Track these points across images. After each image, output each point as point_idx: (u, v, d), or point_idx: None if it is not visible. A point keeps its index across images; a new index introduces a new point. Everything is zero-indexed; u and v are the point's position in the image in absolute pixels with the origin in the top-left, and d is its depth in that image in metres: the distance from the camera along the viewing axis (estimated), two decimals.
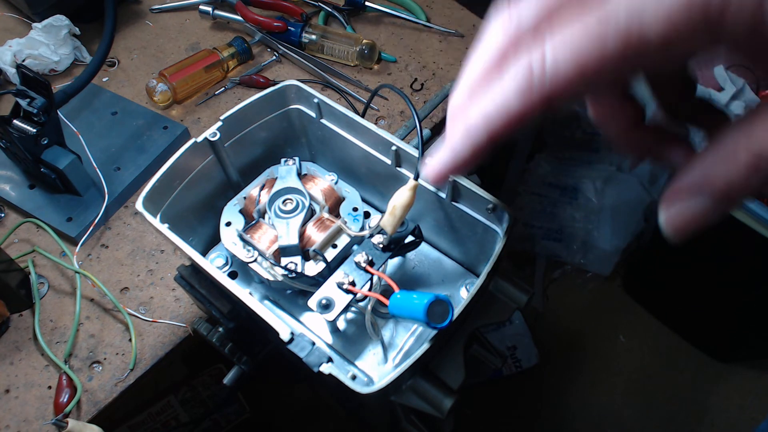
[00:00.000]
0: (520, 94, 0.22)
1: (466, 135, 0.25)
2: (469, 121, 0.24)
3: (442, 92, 0.65)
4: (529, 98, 0.22)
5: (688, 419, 1.44)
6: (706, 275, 1.35)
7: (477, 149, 0.25)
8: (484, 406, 1.42)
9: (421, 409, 0.45)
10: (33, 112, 0.63)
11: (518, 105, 0.22)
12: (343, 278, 0.47)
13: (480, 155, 0.25)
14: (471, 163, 0.26)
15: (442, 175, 0.28)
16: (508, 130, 0.24)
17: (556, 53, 0.21)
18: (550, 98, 0.22)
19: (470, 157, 0.26)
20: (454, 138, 0.25)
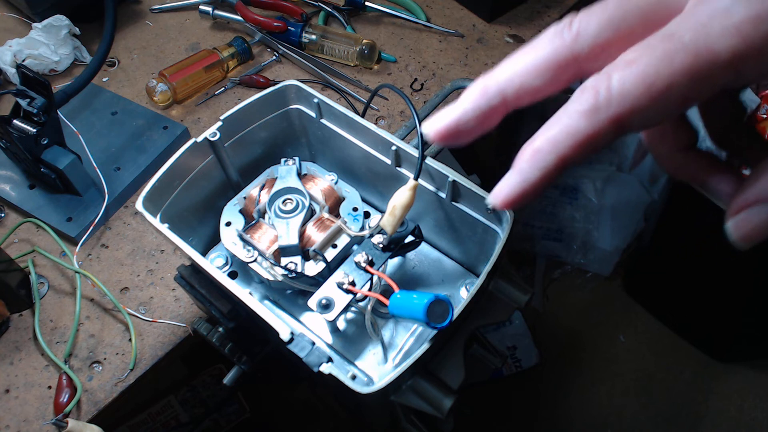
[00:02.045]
0: (585, 116, 0.22)
1: (533, 158, 0.23)
2: (536, 145, 0.23)
3: (442, 92, 0.66)
4: (597, 120, 0.21)
5: (688, 419, 1.44)
6: (706, 275, 1.35)
7: (546, 173, 0.24)
8: (484, 406, 1.42)
9: (421, 408, 0.45)
10: (33, 112, 0.63)
11: (586, 127, 0.22)
12: (343, 278, 0.47)
13: (550, 179, 0.24)
14: (540, 187, 0.24)
15: (512, 199, 0.25)
16: (579, 154, 0.23)
17: (622, 74, 0.21)
18: (620, 121, 0.21)
19: (539, 180, 0.24)
20: (522, 162, 0.24)
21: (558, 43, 0.23)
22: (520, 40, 0.90)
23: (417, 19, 0.91)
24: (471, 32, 0.91)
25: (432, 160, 0.50)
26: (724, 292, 1.33)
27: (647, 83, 0.20)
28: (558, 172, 0.24)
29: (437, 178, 0.51)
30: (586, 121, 0.22)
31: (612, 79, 0.21)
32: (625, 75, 0.20)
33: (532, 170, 0.24)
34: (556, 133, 0.23)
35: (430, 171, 0.51)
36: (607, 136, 0.22)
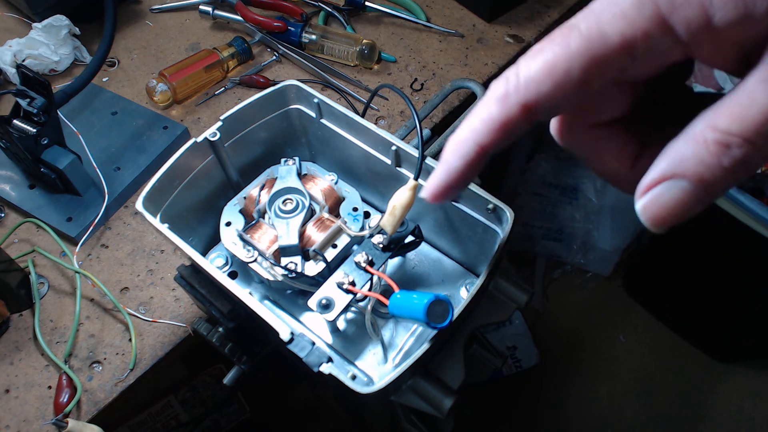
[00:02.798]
0: (499, 102, 0.24)
1: (455, 148, 0.26)
2: (457, 136, 0.26)
3: (442, 92, 0.66)
4: (507, 105, 0.23)
5: (688, 419, 1.44)
6: (706, 275, 1.35)
7: (469, 161, 0.26)
8: (484, 406, 1.42)
9: (421, 409, 0.45)
10: (33, 112, 0.63)
11: (498, 113, 0.24)
12: (343, 278, 0.47)
13: (473, 167, 0.26)
14: (465, 176, 0.27)
15: (440, 191, 0.28)
16: (495, 139, 0.25)
17: (527, 63, 0.23)
18: (527, 103, 0.23)
19: (463, 168, 0.26)
20: (446, 153, 0.27)
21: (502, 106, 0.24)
22: (520, 40, 0.90)
23: (417, 19, 0.91)
24: (471, 32, 0.91)
25: (432, 160, 0.50)
26: (724, 292, 1.33)
27: (548, 69, 0.22)
28: (479, 159, 0.26)
29: None
30: (498, 108, 0.24)
31: (520, 67, 0.23)
32: (531, 63, 0.22)
33: (456, 159, 0.26)
34: (474, 121, 0.25)
35: (430, 171, 0.51)
36: (519, 122, 0.24)
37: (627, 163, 0.26)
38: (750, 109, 0.19)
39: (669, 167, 0.21)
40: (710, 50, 0.21)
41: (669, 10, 0.20)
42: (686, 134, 0.21)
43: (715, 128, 0.20)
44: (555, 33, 0.22)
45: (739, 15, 0.19)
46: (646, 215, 0.22)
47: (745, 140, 0.19)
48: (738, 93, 0.20)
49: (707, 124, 0.20)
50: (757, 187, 1.13)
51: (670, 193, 0.21)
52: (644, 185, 0.22)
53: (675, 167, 0.21)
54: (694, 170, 0.20)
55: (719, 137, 0.20)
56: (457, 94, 0.82)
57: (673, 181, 0.21)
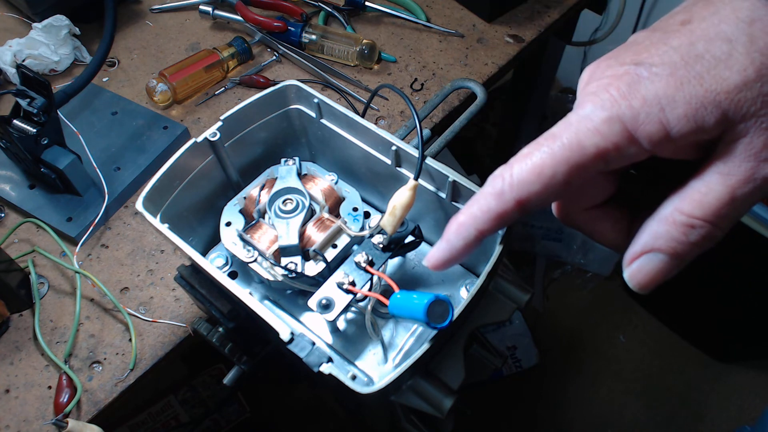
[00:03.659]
0: (495, 197, 0.28)
1: (457, 230, 0.31)
2: (459, 219, 0.31)
3: (442, 92, 0.65)
4: (503, 200, 0.28)
5: (688, 419, 1.44)
6: (706, 275, 1.35)
7: (467, 242, 0.31)
8: (484, 406, 1.42)
9: (421, 409, 0.45)
10: (33, 112, 0.63)
11: (495, 206, 0.29)
12: (343, 278, 0.47)
13: (471, 247, 0.31)
14: (463, 253, 0.32)
15: (441, 263, 0.33)
16: (492, 227, 0.30)
17: (519, 165, 0.27)
18: (520, 199, 0.28)
19: (462, 248, 0.32)
20: (449, 233, 0.32)
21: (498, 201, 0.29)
22: (520, 40, 0.90)
23: (417, 19, 0.91)
24: (471, 32, 0.91)
25: (432, 160, 0.50)
26: (724, 292, 1.33)
27: (537, 171, 0.27)
28: (477, 242, 0.31)
29: (437, 178, 0.51)
30: (495, 202, 0.28)
31: (513, 169, 0.28)
32: (521, 166, 0.27)
33: (457, 240, 0.31)
34: (475, 210, 0.30)
35: (430, 171, 0.51)
36: (513, 214, 0.28)
37: (622, 234, 0.31)
38: (708, 196, 0.24)
39: (647, 243, 0.26)
40: (670, 152, 0.25)
41: (634, 127, 0.25)
42: (658, 216, 0.26)
43: (681, 212, 0.25)
44: (540, 140, 0.27)
45: (692, 128, 0.24)
46: (633, 282, 0.27)
47: (706, 221, 0.25)
48: (698, 182, 0.25)
49: (675, 208, 0.25)
50: None
51: (650, 264, 0.26)
52: (629, 257, 0.27)
53: (652, 243, 0.26)
54: (667, 245, 0.26)
55: (685, 220, 0.25)
56: (457, 94, 0.82)
57: (652, 254, 0.26)
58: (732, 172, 0.24)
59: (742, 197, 0.24)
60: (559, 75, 1.84)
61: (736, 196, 0.24)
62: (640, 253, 0.26)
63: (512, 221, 0.29)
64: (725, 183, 0.24)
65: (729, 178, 0.24)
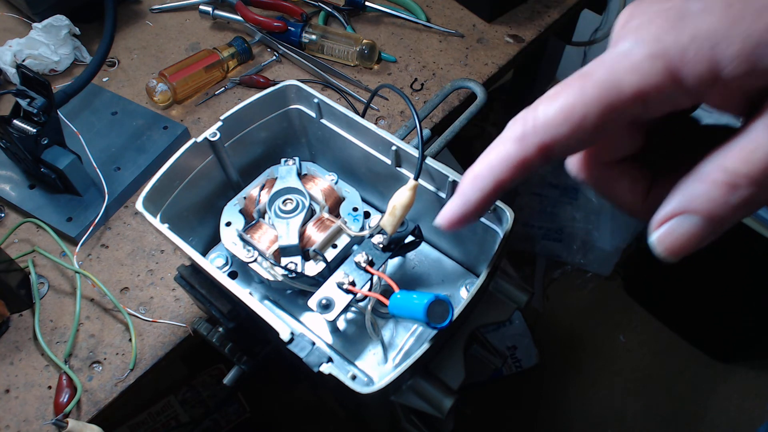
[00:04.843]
0: (516, 142, 0.25)
1: (473, 182, 0.27)
2: (475, 170, 0.27)
3: (442, 92, 0.65)
4: (524, 145, 0.25)
5: (688, 419, 1.44)
6: (706, 275, 1.35)
7: (484, 195, 0.27)
8: (484, 406, 1.42)
9: (421, 409, 0.45)
10: (33, 112, 0.63)
11: (516, 152, 0.25)
12: (343, 278, 0.47)
13: (488, 200, 0.28)
14: (480, 208, 0.28)
15: (455, 220, 0.29)
16: (511, 176, 0.26)
17: (545, 106, 0.24)
18: (544, 144, 0.24)
19: (478, 202, 0.28)
20: (464, 185, 0.28)
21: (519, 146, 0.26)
22: (520, 40, 0.90)
23: (417, 19, 0.91)
24: (471, 32, 0.91)
25: (432, 160, 0.50)
26: (724, 292, 1.33)
27: (566, 113, 0.23)
28: (495, 194, 0.27)
29: (437, 178, 0.51)
30: (516, 147, 0.25)
31: (537, 111, 0.24)
32: (548, 107, 0.24)
33: (473, 192, 0.28)
34: (492, 158, 0.26)
35: (430, 171, 0.51)
36: (535, 161, 0.25)
37: (640, 196, 0.27)
38: (756, 153, 0.21)
39: (681, 203, 0.23)
40: (718, 99, 0.22)
41: (679, 66, 0.21)
42: (697, 173, 0.23)
43: (724, 170, 0.22)
44: (570, 79, 0.24)
45: (746, 69, 0.21)
46: (661, 246, 0.24)
47: (752, 181, 0.21)
48: (745, 137, 0.22)
49: (717, 165, 0.22)
50: None
51: (683, 227, 0.23)
52: (658, 219, 0.24)
53: (687, 204, 0.22)
54: (704, 207, 0.22)
55: (728, 178, 0.21)
56: (457, 94, 0.82)
57: (685, 216, 0.23)
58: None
59: None
60: (559, 75, 1.84)
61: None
62: (671, 214, 0.23)
63: (532, 171, 0.26)
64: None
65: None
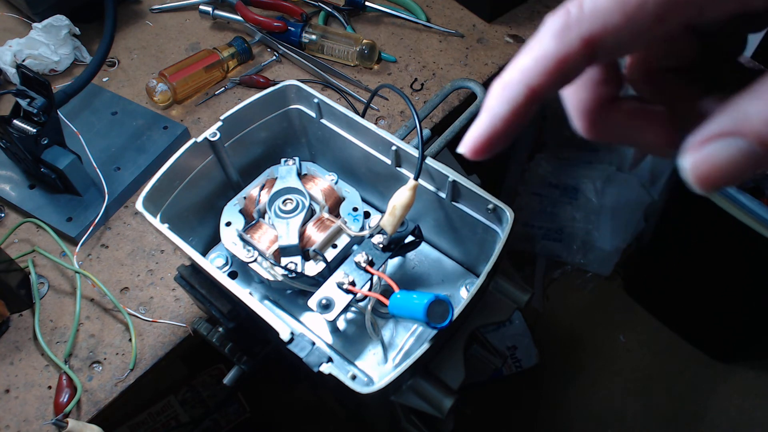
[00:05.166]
0: (556, 36, 0.20)
1: (501, 92, 0.22)
2: (505, 79, 0.22)
3: (442, 92, 0.66)
4: (567, 39, 0.20)
5: (688, 419, 1.44)
6: (706, 275, 1.35)
7: (517, 107, 0.22)
8: (484, 406, 1.42)
9: (421, 409, 0.45)
10: (33, 112, 0.63)
11: (555, 48, 0.20)
12: (343, 278, 0.47)
13: (521, 114, 0.22)
14: (511, 126, 0.23)
15: (481, 143, 0.23)
16: (548, 81, 0.21)
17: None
18: (592, 37, 0.19)
19: (510, 116, 0.22)
20: (491, 99, 0.23)
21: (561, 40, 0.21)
22: (520, 40, 0.90)
23: (417, 19, 0.91)
24: (471, 32, 0.91)
25: (432, 160, 0.50)
26: (724, 292, 1.33)
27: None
28: (528, 106, 0.22)
29: (437, 178, 0.51)
30: (555, 42, 0.20)
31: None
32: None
33: (501, 105, 0.22)
34: (525, 60, 0.21)
35: (430, 171, 0.51)
36: (577, 60, 0.20)
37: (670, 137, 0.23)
38: None
39: (730, 124, 0.19)
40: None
41: None
42: (754, 91, 0.18)
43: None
44: None
45: None
46: (694, 173, 0.19)
47: None
48: None
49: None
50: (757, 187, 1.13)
51: (727, 151, 0.19)
52: (698, 139, 0.19)
53: (737, 125, 0.19)
54: (759, 131, 0.18)
55: None
56: (457, 94, 0.82)
57: (733, 139, 0.19)
58: None
59: None
60: None
61: None
62: (716, 134, 0.19)
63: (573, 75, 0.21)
64: None
65: None
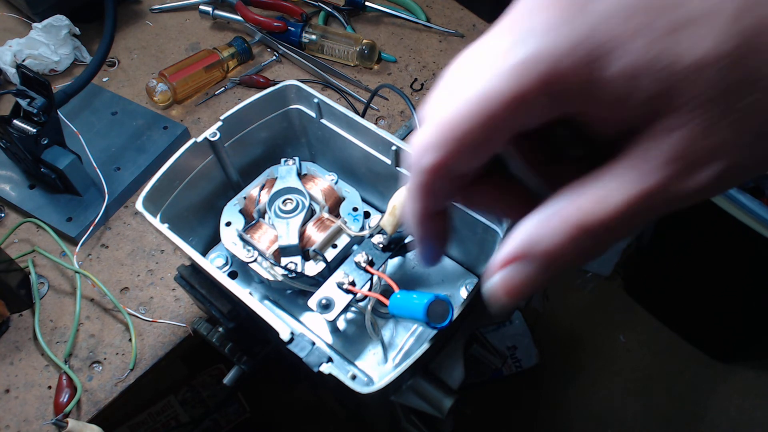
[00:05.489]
0: (413, 175, 0.23)
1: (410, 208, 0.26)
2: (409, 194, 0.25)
3: None
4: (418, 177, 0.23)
5: (688, 419, 1.44)
6: (706, 275, 1.35)
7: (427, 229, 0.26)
8: (484, 406, 1.42)
9: (421, 409, 0.45)
10: (33, 112, 0.63)
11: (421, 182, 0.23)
12: (343, 278, 0.47)
13: (435, 233, 0.26)
14: (433, 240, 0.27)
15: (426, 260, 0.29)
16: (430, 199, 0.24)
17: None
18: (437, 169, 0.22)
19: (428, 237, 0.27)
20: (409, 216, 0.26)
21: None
22: None
23: (417, 19, 0.91)
24: (471, 32, 0.91)
25: None
26: (724, 292, 1.33)
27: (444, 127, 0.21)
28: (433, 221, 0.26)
29: None
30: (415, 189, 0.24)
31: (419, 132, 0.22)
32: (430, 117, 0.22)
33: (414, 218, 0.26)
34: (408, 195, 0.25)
35: None
36: (438, 186, 0.23)
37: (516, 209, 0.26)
38: (610, 199, 0.19)
39: (521, 247, 0.21)
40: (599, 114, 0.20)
41: (552, 71, 0.19)
42: (542, 214, 0.21)
43: (570, 219, 0.20)
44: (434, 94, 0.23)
45: (616, 98, 0.19)
46: (498, 293, 0.22)
47: (597, 235, 0.20)
48: (603, 180, 0.20)
49: (563, 212, 0.20)
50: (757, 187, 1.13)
51: (520, 273, 0.21)
52: (497, 264, 0.22)
53: (528, 248, 0.21)
54: (544, 253, 0.20)
55: (578, 221, 0.20)
56: None
57: (525, 262, 0.21)
58: (646, 176, 0.19)
59: (647, 210, 0.19)
60: None
61: (642, 207, 0.19)
62: (512, 258, 0.21)
63: (444, 194, 0.24)
64: (635, 187, 0.19)
65: (641, 181, 0.19)
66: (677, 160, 0.18)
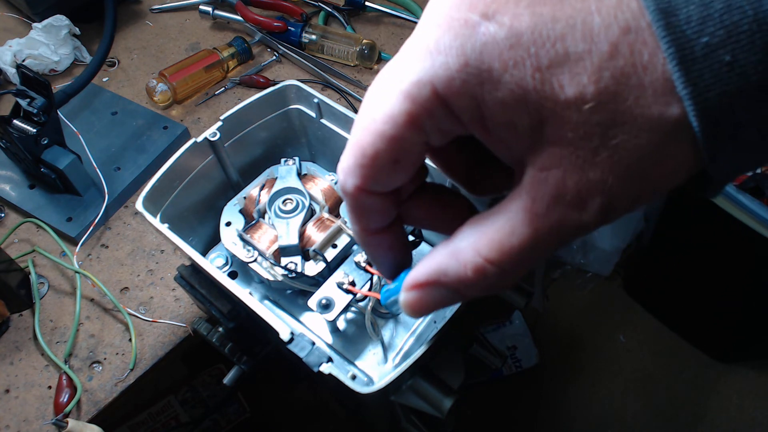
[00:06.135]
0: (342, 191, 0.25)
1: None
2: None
3: None
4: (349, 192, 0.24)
5: (688, 419, 1.44)
6: (706, 275, 1.35)
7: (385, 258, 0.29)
8: (484, 406, 1.42)
9: (421, 409, 0.45)
10: (33, 112, 0.63)
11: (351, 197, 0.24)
12: (343, 278, 0.47)
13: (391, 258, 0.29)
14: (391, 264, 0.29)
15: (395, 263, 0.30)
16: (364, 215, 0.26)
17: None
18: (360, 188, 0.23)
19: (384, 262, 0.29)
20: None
21: None
22: None
23: (417, 19, 0.91)
24: None
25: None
26: (724, 292, 1.33)
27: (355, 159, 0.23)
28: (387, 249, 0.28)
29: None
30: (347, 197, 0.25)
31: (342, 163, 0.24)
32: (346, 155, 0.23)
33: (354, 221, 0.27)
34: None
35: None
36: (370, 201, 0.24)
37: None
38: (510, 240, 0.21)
39: (433, 275, 0.23)
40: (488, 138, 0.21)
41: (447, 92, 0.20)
42: (450, 248, 0.23)
43: (478, 253, 0.22)
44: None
45: (501, 123, 0.19)
46: (408, 309, 0.25)
47: (501, 269, 0.21)
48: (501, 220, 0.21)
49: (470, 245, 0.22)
50: (757, 187, 1.13)
51: (431, 295, 0.24)
52: (410, 283, 0.24)
53: (438, 276, 0.23)
54: (453, 283, 0.23)
55: (480, 264, 0.21)
56: None
57: (436, 288, 0.23)
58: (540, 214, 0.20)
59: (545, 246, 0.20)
60: None
61: (539, 245, 0.20)
62: (423, 283, 0.24)
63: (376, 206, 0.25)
64: (531, 226, 0.20)
65: (535, 221, 0.20)
66: (559, 198, 0.19)
